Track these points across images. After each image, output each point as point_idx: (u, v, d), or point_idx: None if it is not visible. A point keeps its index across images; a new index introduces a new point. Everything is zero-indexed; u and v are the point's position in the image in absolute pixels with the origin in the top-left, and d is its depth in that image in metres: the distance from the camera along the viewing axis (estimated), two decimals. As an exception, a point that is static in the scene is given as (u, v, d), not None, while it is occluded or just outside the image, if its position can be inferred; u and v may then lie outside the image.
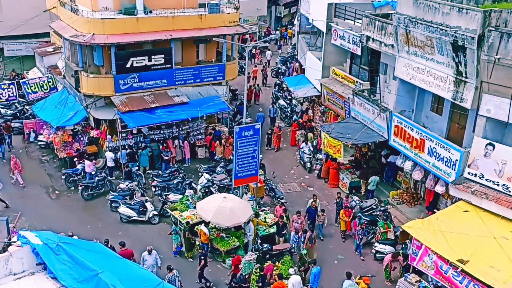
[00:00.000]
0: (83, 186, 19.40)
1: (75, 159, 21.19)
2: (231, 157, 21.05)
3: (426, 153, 16.89)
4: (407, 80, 17.34)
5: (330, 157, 21.10)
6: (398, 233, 16.10)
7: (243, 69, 31.82)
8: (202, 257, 14.90)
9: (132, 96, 21.67)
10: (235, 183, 17.48)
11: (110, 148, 21.31)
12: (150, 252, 14.76)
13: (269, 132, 23.73)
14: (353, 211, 17.74)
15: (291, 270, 14.65)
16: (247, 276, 14.36)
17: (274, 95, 30.18)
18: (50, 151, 22.83)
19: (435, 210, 16.94)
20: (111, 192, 19.29)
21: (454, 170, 15.63)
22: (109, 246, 14.74)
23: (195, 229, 16.55)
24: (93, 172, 19.93)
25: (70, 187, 20.11)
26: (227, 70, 23.82)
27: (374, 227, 17.27)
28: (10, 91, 25.12)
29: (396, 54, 17.53)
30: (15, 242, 8.41)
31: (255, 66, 33.65)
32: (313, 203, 17.38)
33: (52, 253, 8.09)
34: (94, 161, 20.79)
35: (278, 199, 19.20)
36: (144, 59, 21.26)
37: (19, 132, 24.22)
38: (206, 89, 23.48)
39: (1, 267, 7.96)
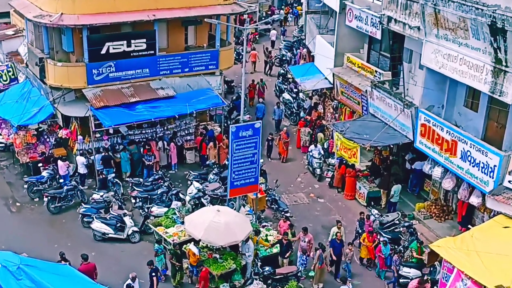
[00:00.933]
0: (49, 197, 19.28)
1: (40, 164, 21.11)
2: (226, 162, 21.07)
3: (458, 158, 16.87)
4: (436, 69, 17.33)
5: (344, 162, 21.13)
6: (425, 254, 16.15)
7: (241, 56, 31.99)
8: (154, 274, 15.11)
9: (108, 89, 21.65)
10: (231, 194, 17.46)
11: (81, 151, 21.31)
12: (134, 280, 14.73)
13: (269, 138, 23.52)
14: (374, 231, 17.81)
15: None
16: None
17: (277, 88, 30.24)
18: (10, 155, 22.76)
19: (469, 226, 16.76)
20: (82, 204, 19.30)
21: (492, 178, 15.61)
22: (65, 259, 14.87)
23: (183, 248, 16.56)
24: (67, 174, 19.95)
25: (33, 198, 20.06)
26: (221, 58, 23.81)
27: (396, 246, 17.29)
28: (-40, 83, 25.15)
29: (423, 39, 17.48)
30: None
31: (253, 49, 33.49)
32: (338, 234, 16.64)
33: (12, 278, 8.01)
34: (67, 161, 20.75)
35: (282, 213, 19.22)
36: (122, 44, 21.24)
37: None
38: (196, 80, 23.48)
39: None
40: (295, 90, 28.54)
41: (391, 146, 20.92)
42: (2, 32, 27.15)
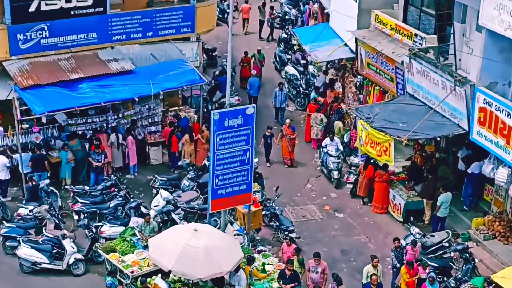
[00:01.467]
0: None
1: None
2: (206, 163, 21.00)
3: (532, 154, 17.03)
4: (500, 32, 17.30)
5: (372, 161, 21.13)
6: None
7: (226, 15, 31.96)
8: None
9: (39, 61, 21.60)
10: (213, 207, 17.48)
11: (2, 148, 21.32)
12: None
13: (267, 133, 23.33)
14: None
15: None
16: None
17: (277, 59, 30.17)
18: None
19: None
20: (4, 222, 19.23)
21: None
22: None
23: (147, 283, 16.51)
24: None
25: None
26: (199, 17, 23.80)
27: (445, 279, 17.27)
28: None
29: (481, -11, 17.64)
30: None
31: (246, 1, 33.60)
32: (374, 276, 16.45)
33: None
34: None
35: (286, 233, 19.22)
36: (59, -1, 21.51)
37: None
38: (164, 48, 23.48)
39: None
40: (302, 61, 28.54)
41: (438, 139, 20.85)
42: None
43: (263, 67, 28.80)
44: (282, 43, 30.97)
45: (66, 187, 21.00)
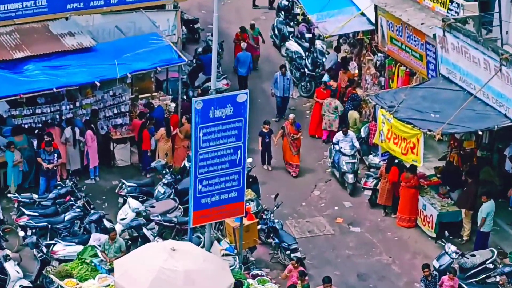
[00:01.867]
0: None
1: None
2: (187, 165, 21.04)
3: None
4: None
5: (396, 161, 21.22)
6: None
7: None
8: None
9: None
10: (195, 220, 17.51)
11: None
12: None
13: (264, 129, 23.31)
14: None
15: None
16: None
17: (276, 32, 30.21)
18: None
19: None
20: None
21: None
22: None
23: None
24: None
25: None
26: (176, -22, 24.28)
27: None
28: None
29: None
30: None
31: None
32: None
33: None
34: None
35: (287, 252, 19.32)
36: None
37: None
38: (132, 19, 23.60)
39: None
40: (308, 35, 28.56)
41: (480, 133, 20.75)
42: None
43: (260, 44, 28.76)
44: (282, 12, 30.94)
45: (9, 195, 20.93)
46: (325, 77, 26.11)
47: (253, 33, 28.55)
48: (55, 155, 21.42)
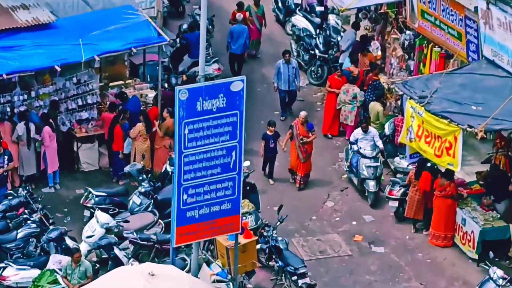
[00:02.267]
0: None
1: None
2: (168, 169, 21.11)
3: None
4: None
5: (429, 165, 21.18)
6: None
7: None
8: None
9: None
10: (179, 238, 17.43)
11: None
12: None
13: (269, 132, 23.25)
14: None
15: None
16: None
17: (279, 4, 30.22)
18: None
19: None
20: None
21: None
22: None
23: None
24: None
25: None
26: None
27: None
28: None
29: None
30: None
31: None
32: None
33: None
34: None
35: (293, 278, 19.21)
36: None
37: None
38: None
39: None
40: (319, 9, 28.72)
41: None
42: None
43: (264, 26, 28.90)
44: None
45: None
46: (345, 61, 26.11)
47: (257, 11, 28.55)
48: (5, 157, 21.39)
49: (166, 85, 24.40)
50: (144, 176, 21.54)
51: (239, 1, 28.39)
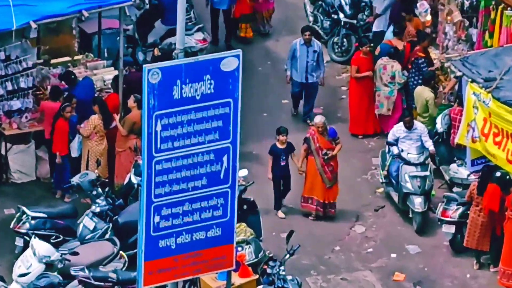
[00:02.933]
0: None
1: None
2: (133, 180, 21.38)
3: None
4: None
5: (502, 176, 21.19)
6: None
7: None
8: None
9: None
10: (148, 278, 17.37)
11: None
12: None
13: (279, 143, 23.14)
14: None
15: None
16: None
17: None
18: None
19: None
20: None
21: None
22: None
23: None
24: None
25: None
26: None
27: None
28: None
29: None
30: None
31: None
32: None
33: None
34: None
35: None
36: None
37: None
38: None
39: None
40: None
41: None
42: None
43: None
44: None
45: None
46: (387, 30, 26.49)
47: None
48: None
49: (132, 64, 24.67)
50: (100, 190, 21.63)
51: None
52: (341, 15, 27.51)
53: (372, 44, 25.60)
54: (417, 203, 22.64)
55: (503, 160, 20.53)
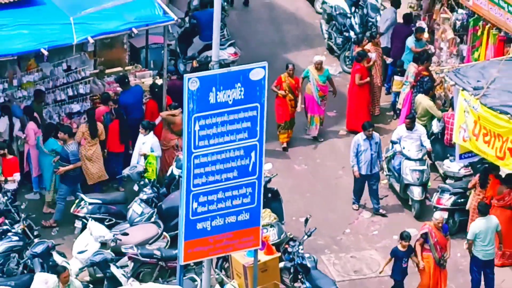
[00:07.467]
0: None
1: None
2: (175, 172, 21.27)
3: None
4: None
5: (496, 172, 21.18)
6: None
7: None
8: None
9: None
10: (188, 254, 17.41)
11: None
12: None
13: (401, 246, 20.51)
14: None
15: None
16: None
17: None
18: None
19: None
20: None
21: None
22: None
23: None
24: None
25: None
26: None
27: None
28: None
29: None
30: None
31: None
32: None
33: None
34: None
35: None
36: None
37: None
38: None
39: None
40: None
41: None
42: None
43: None
44: None
45: None
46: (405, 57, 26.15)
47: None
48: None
49: (172, 73, 24.42)
50: (146, 180, 21.72)
51: None
52: (352, 33, 27.30)
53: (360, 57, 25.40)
54: (416, 192, 22.62)
55: (492, 157, 20.37)
